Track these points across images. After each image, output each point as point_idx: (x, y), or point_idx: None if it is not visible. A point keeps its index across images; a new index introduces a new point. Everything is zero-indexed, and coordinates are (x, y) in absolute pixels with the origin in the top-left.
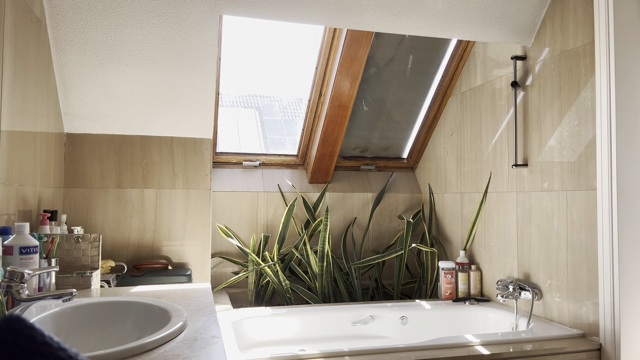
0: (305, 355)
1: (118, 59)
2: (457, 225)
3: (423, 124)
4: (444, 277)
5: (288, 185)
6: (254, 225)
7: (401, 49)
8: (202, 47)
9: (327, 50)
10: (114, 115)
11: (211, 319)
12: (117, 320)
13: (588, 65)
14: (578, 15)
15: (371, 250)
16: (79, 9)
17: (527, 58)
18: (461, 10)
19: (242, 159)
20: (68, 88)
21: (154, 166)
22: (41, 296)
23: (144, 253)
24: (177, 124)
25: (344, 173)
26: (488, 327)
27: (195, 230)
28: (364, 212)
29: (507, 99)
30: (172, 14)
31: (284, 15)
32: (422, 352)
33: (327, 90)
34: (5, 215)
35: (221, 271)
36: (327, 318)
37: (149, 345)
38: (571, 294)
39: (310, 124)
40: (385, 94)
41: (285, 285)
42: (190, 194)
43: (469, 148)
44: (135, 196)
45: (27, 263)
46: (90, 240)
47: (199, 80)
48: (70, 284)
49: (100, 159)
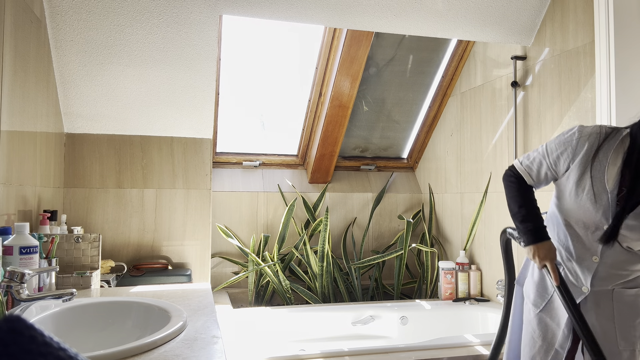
0: (305, 355)
1: (118, 59)
2: (457, 225)
3: (423, 124)
4: (444, 277)
5: (288, 185)
6: (254, 225)
7: (401, 49)
8: (202, 47)
9: (327, 50)
10: (114, 115)
11: (211, 319)
12: (117, 320)
13: (588, 65)
14: (578, 15)
15: (371, 250)
16: (79, 9)
17: (527, 58)
18: (461, 10)
19: (242, 159)
20: (68, 88)
21: (154, 166)
22: (41, 296)
23: (144, 253)
24: (177, 124)
25: (344, 173)
26: (488, 327)
27: (195, 230)
28: (364, 212)
29: (507, 99)
30: (172, 14)
31: (284, 15)
32: (422, 352)
33: (327, 90)
34: (5, 215)
35: (221, 271)
36: (327, 318)
37: (149, 345)
38: None
39: (310, 124)
40: (385, 94)
41: (285, 285)
42: (190, 194)
43: (469, 148)
44: (135, 196)
45: (27, 263)
46: (90, 240)
47: (199, 80)
48: (70, 284)
49: (100, 159)
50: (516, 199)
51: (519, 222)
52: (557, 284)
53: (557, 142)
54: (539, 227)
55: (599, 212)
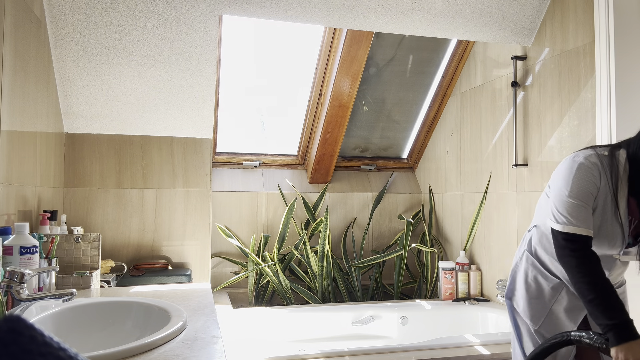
0: (305, 355)
1: (118, 59)
2: (457, 225)
3: (423, 124)
4: (444, 277)
5: (288, 185)
6: (254, 225)
7: (401, 49)
8: (202, 47)
9: (327, 50)
10: (114, 115)
11: (211, 319)
12: (117, 320)
13: (588, 65)
14: (578, 15)
15: (371, 250)
16: (79, 9)
17: (527, 58)
18: (461, 10)
19: (242, 159)
20: (68, 88)
21: (154, 166)
22: (41, 296)
23: (144, 253)
24: (177, 124)
25: (344, 173)
26: (488, 327)
27: (195, 230)
28: (364, 212)
29: (507, 99)
30: (172, 14)
31: (284, 15)
32: (422, 352)
33: (327, 90)
34: (5, 215)
35: (221, 271)
36: (327, 318)
37: (149, 345)
38: None
39: (310, 123)
40: (385, 94)
41: (285, 285)
42: (190, 194)
43: (469, 148)
44: (135, 196)
45: (27, 263)
46: (90, 240)
47: (199, 80)
48: (70, 284)
49: (100, 159)
50: (590, 281)
51: (600, 313)
52: None
53: (583, 185)
54: (628, 320)
55: (617, 246)
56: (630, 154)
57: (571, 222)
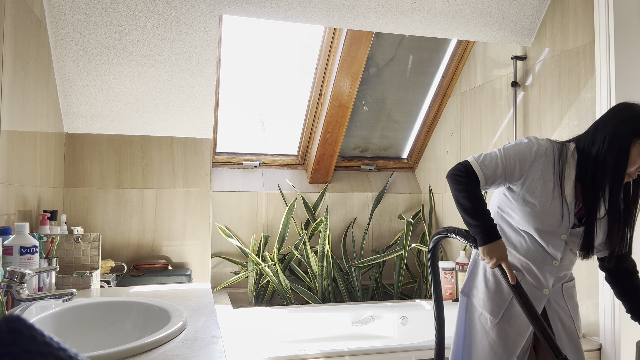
0: (305, 355)
1: (118, 59)
2: (457, 225)
3: (423, 124)
4: (444, 277)
5: (288, 185)
6: (253, 225)
7: (401, 49)
8: (202, 47)
9: (327, 50)
10: (114, 115)
11: (211, 319)
12: (117, 320)
13: (588, 65)
14: (578, 15)
15: (371, 250)
16: (79, 9)
17: (527, 58)
18: (461, 10)
19: (242, 159)
20: (68, 88)
21: (154, 166)
22: (41, 296)
23: (144, 253)
24: (177, 124)
25: (344, 173)
26: None
27: (195, 230)
28: (364, 212)
29: (507, 99)
30: (172, 13)
31: (284, 15)
32: (422, 352)
33: (327, 90)
34: (5, 215)
35: (221, 271)
36: (327, 318)
37: (149, 345)
38: None
39: (310, 123)
40: (385, 94)
41: (285, 285)
42: (190, 194)
43: (469, 148)
44: (135, 196)
45: (27, 263)
46: (90, 240)
47: (199, 80)
48: (70, 284)
49: (100, 159)
50: (468, 196)
51: (471, 219)
52: (513, 283)
53: (515, 150)
54: (493, 225)
55: (558, 222)
56: (580, 148)
57: (481, 162)
